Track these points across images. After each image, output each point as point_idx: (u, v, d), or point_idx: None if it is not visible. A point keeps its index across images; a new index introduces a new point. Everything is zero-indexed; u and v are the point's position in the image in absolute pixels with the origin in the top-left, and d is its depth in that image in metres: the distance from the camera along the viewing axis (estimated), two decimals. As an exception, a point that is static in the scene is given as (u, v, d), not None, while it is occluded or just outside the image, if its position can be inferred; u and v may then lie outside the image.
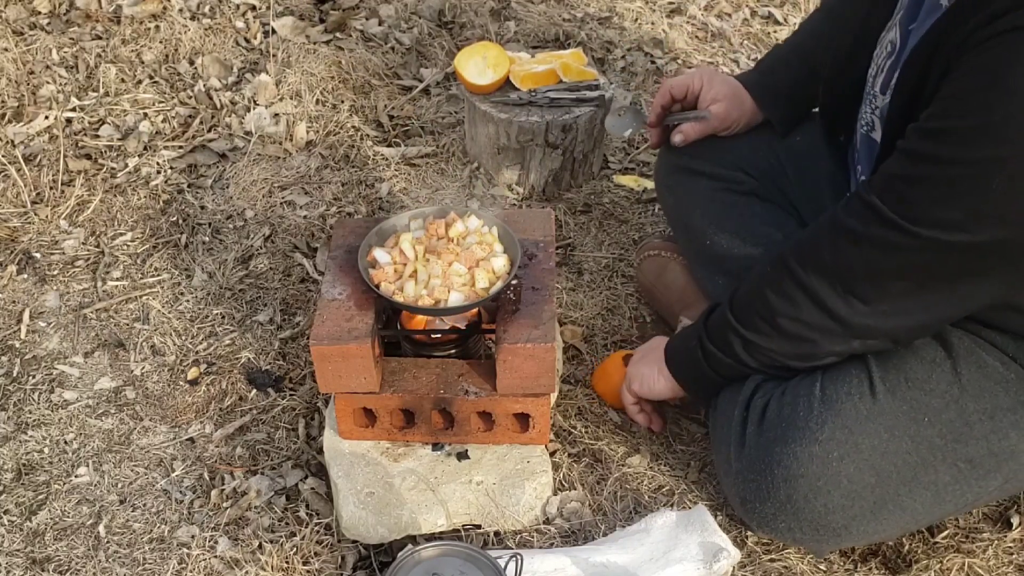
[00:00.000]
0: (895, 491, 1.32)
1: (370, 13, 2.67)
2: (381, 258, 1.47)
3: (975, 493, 1.35)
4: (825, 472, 1.31)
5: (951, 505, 1.36)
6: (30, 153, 2.27)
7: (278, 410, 1.71)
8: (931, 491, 1.33)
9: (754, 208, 1.66)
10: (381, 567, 1.46)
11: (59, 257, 2.04)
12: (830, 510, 1.32)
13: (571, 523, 1.50)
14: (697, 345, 1.44)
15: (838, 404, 1.32)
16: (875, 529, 1.36)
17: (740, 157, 1.69)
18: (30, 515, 1.57)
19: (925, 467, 1.32)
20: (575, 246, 2.03)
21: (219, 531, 1.52)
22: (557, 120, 2.02)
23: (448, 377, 1.50)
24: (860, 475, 1.31)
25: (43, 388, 1.77)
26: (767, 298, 1.33)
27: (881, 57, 1.38)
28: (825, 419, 1.32)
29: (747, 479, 1.38)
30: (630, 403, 1.59)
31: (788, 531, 1.37)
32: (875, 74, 1.39)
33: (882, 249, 1.21)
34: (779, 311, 1.32)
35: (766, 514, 1.37)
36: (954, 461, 1.32)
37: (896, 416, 1.31)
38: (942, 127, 1.14)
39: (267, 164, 2.23)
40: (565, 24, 2.66)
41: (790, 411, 1.35)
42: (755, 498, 1.37)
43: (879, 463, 1.31)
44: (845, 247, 1.25)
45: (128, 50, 2.50)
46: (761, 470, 1.35)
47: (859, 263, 1.24)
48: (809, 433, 1.32)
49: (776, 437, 1.35)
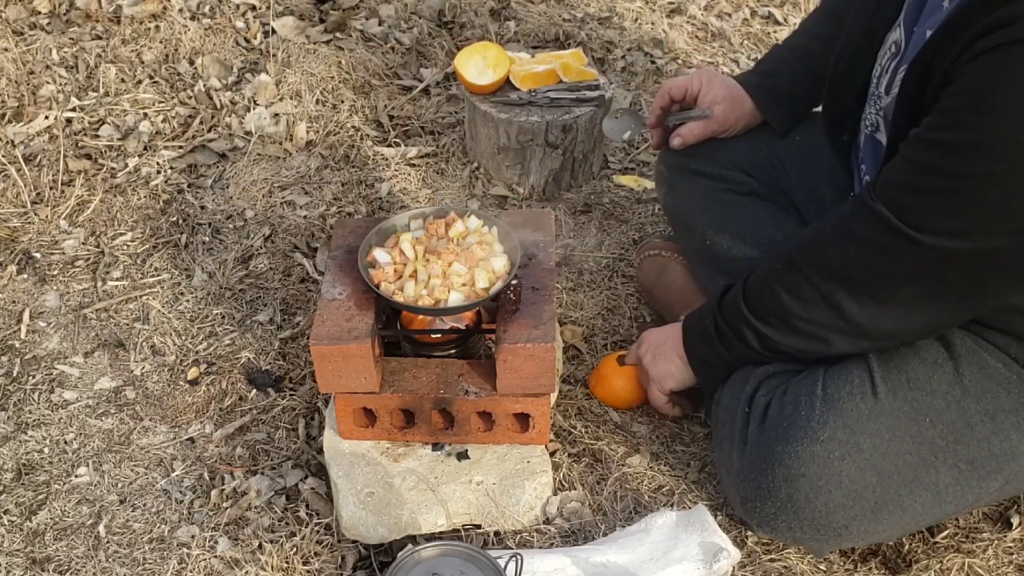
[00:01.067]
0: (896, 491, 1.32)
1: (370, 13, 2.67)
2: (381, 258, 1.47)
3: (976, 494, 1.35)
4: (826, 472, 1.31)
5: (951, 506, 1.36)
6: (30, 153, 2.27)
7: (278, 410, 1.71)
8: (932, 492, 1.33)
9: (755, 208, 1.66)
10: (381, 567, 1.46)
11: (59, 257, 2.04)
12: (831, 510, 1.32)
13: (571, 523, 1.50)
14: (711, 324, 1.45)
15: (840, 404, 1.33)
16: (875, 529, 1.36)
17: (740, 157, 1.70)
18: (30, 515, 1.57)
19: (926, 468, 1.32)
20: (575, 246, 2.03)
21: (219, 531, 1.52)
22: (557, 120, 2.02)
23: (448, 377, 1.50)
24: (861, 475, 1.31)
25: (43, 388, 1.77)
26: (780, 298, 1.34)
27: (885, 58, 1.38)
28: (827, 418, 1.32)
29: (748, 478, 1.38)
30: (663, 403, 1.60)
31: (789, 531, 1.37)
32: (879, 74, 1.39)
33: (890, 255, 1.22)
34: (792, 311, 1.33)
35: (767, 513, 1.37)
36: (955, 462, 1.32)
37: (897, 416, 1.32)
38: (940, 139, 1.15)
39: (267, 164, 2.23)
40: (565, 24, 2.66)
41: (792, 410, 1.35)
42: (756, 497, 1.37)
43: (880, 463, 1.31)
44: (854, 253, 1.26)
45: (128, 50, 2.50)
46: (762, 469, 1.35)
47: (869, 268, 1.25)
48: (811, 432, 1.32)
49: (778, 436, 1.35)
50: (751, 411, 1.41)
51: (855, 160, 1.53)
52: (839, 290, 1.28)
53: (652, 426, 1.66)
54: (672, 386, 1.56)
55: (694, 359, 1.51)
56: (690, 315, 1.54)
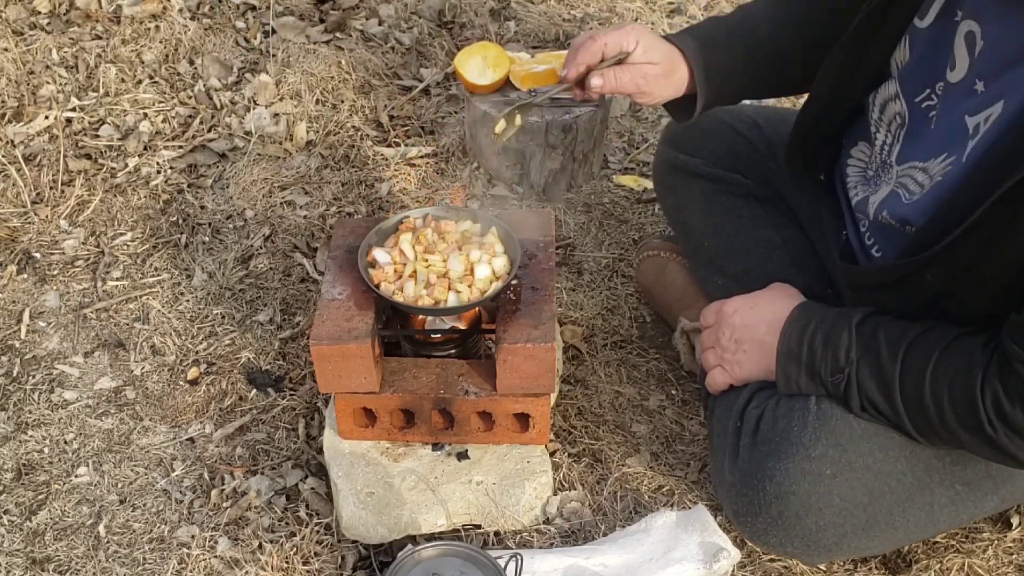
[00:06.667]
0: (888, 510, 1.31)
1: (370, 13, 2.67)
2: (381, 258, 1.47)
3: (970, 513, 1.35)
4: (817, 489, 1.29)
5: (944, 524, 1.35)
6: (30, 153, 2.27)
7: (278, 410, 1.71)
8: (926, 511, 1.32)
9: (753, 210, 1.66)
10: (381, 567, 1.46)
11: (59, 257, 2.04)
12: (821, 527, 1.31)
13: (571, 523, 1.50)
14: (841, 391, 1.29)
15: (832, 421, 1.30)
16: (867, 546, 1.35)
17: (738, 159, 1.69)
18: (30, 515, 1.57)
19: (921, 488, 1.31)
20: (575, 246, 2.03)
21: (219, 531, 1.52)
22: (557, 120, 2.02)
23: (448, 377, 1.50)
24: (853, 493, 1.29)
25: (43, 388, 1.77)
26: (960, 438, 1.21)
27: (894, 126, 1.33)
28: (819, 435, 1.30)
29: (740, 492, 1.37)
30: (720, 383, 1.46)
31: (779, 545, 1.37)
32: (891, 143, 1.34)
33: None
34: (967, 445, 1.22)
35: (758, 528, 1.36)
36: (951, 483, 1.31)
37: (891, 436, 1.29)
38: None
39: (267, 164, 2.23)
40: (565, 24, 2.65)
41: (784, 424, 1.33)
42: (747, 512, 1.36)
43: (872, 482, 1.29)
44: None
45: (128, 50, 2.50)
46: (753, 485, 1.34)
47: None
48: (802, 449, 1.30)
49: (769, 452, 1.33)
50: (743, 424, 1.39)
51: (839, 183, 1.50)
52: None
53: (652, 426, 1.66)
54: (743, 381, 1.43)
55: (789, 389, 1.36)
56: (793, 352, 1.34)
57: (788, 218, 1.66)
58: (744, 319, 1.41)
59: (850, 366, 1.26)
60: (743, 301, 1.43)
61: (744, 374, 1.42)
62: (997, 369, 1.14)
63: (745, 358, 1.41)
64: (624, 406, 1.70)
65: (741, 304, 1.43)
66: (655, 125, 2.37)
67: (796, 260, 1.57)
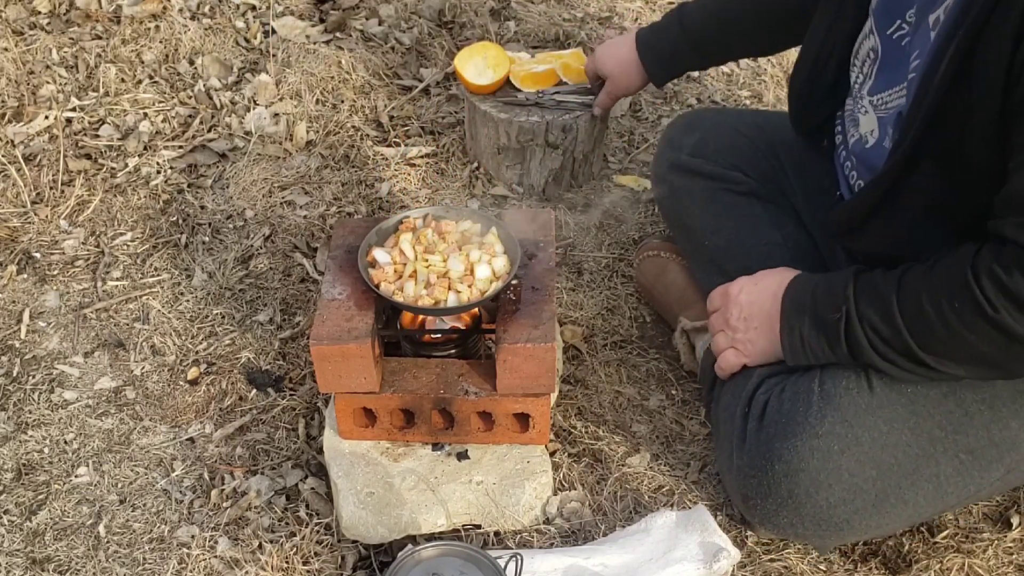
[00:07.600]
0: (897, 484, 1.32)
1: (370, 13, 2.67)
2: (381, 258, 1.47)
3: (977, 484, 1.35)
4: (826, 466, 1.31)
5: (953, 497, 1.36)
6: (30, 153, 2.27)
7: (278, 410, 1.71)
8: (933, 483, 1.33)
9: (753, 208, 1.66)
10: (381, 567, 1.46)
11: (59, 257, 2.04)
12: (832, 504, 1.32)
13: (571, 523, 1.50)
14: (841, 319, 1.30)
15: (836, 399, 1.33)
16: (878, 523, 1.36)
17: (739, 157, 1.70)
18: (30, 515, 1.57)
19: (926, 459, 1.32)
20: (575, 246, 2.03)
21: (219, 531, 1.52)
22: (557, 120, 2.02)
23: (448, 377, 1.50)
24: (861, 468, 1.31)
25: (43, 388, 1.77)
26: (964, 339, 1.20)
27: (867, 64, 1.39)
28: (824, 413, 1.32)
29: (748, 475, 1.38)
30: (732, 364, 1.47)
31: (790, 527, 1.37)
32: (862, 81, 1.40)
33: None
34: (971, 348, 1.21)
35: (768, 510, 1.37)
36: (955, 452, 1.32)
37: (895, 408, 1.31)
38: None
39: (267, 164, 2.23)
40: (565, 24, 2.65)
41: (790, 407, 1.35)
42: (756, 494, 1.37)
43: (880, 456, 1.31)
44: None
45: (128, 50, 2.50)
46: (762, 466, 1.36)
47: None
48: (809, 428, 1.32)
49: (776, 433, 1.35)
50: (750, 409, 1.41)
51: (838, 162, 1.53)
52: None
53: (652, 426, 1.66)
54: (757, 359, 1.44)
55: (794, 350, 1.38)
56: (796, 301, 1.37)
57: (789, 216, 1.66)
58: (750, 296, 1.43)
59: (847, 303, 1.29)
60: (747, 280, 1.45)
61: (757, 350, 1.43)
62: (989, 250, 1.15)
63: (756, 334, 1.42)
64: (624, 406, 1.70)
65: (746, 283, 1.45)
66: (655, 125, 2.37)
67: (797, 258, 1.58)
